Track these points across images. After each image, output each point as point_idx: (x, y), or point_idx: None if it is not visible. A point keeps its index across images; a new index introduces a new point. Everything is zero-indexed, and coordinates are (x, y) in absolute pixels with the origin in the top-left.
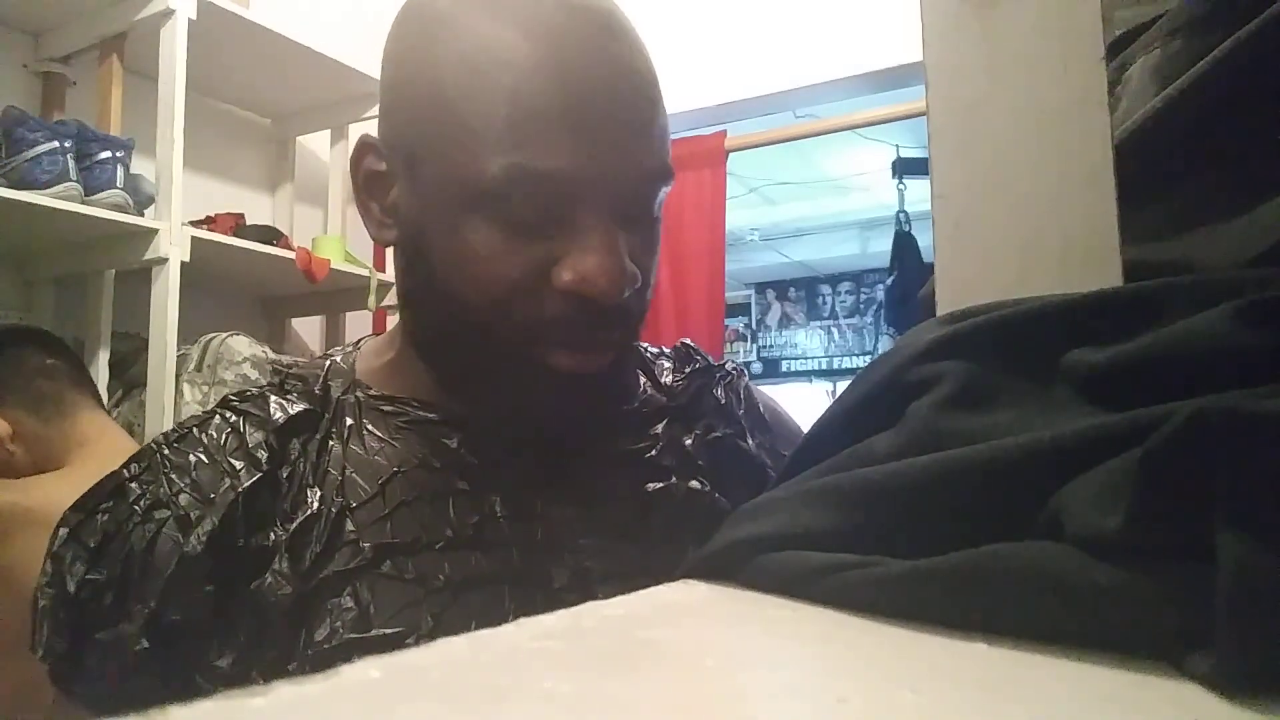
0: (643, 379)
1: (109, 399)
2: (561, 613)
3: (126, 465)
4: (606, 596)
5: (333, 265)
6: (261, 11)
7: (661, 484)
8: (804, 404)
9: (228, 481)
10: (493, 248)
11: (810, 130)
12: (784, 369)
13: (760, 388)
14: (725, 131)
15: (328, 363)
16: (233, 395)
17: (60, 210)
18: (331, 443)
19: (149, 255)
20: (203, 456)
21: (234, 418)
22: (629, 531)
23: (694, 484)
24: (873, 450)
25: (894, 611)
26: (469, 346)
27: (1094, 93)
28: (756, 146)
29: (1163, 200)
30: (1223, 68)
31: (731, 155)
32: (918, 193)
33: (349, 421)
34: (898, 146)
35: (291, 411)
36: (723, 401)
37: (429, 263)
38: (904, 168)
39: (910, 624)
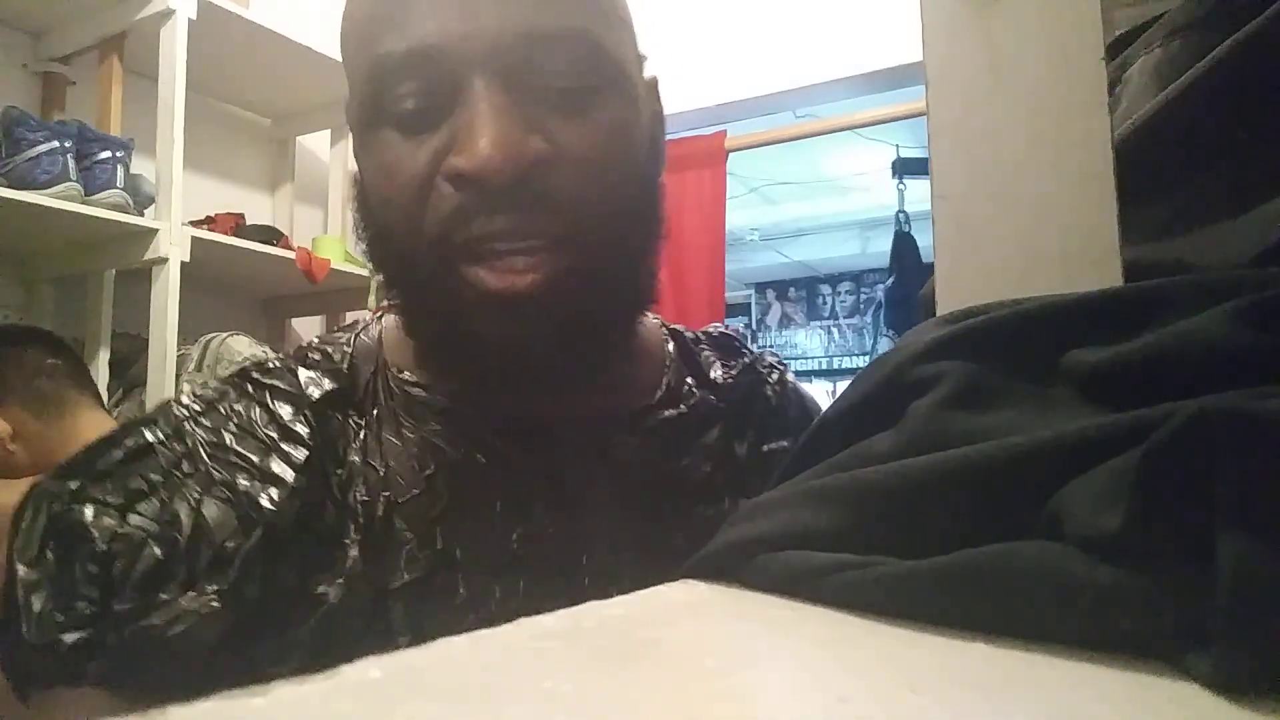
0: (688, 376)
1: (109, 399)
2: (561, 613)
3: (145, 426)
4: None
5: (333, 265)
6: (261, 11)
7: (713, 509)
8: None
9: (278, 458)
10: (393, 153)
11: (810, 130)
12: None
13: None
14: (725, 131)
15: (352, 337)
16: (251, 367)
17: (60, 210)
18: (363, 429)
19: (149, 255)
20: (236, 431)
21: (259, 393)
22: (679, 564)
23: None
24: (873, 450)
25: (894, 611)
26: (411, 287)
27: (1094, 93)
28: (756, 146)
29: (1163, 200)
30: (1223, 68)
31: (731, 155)
32: (918, 193)
33: (381, 407)
34: (898, 146)
35: (325, 387)
36: (775, 404)
37: (369, 207)
38: (904, 168)
39: (910, 624)
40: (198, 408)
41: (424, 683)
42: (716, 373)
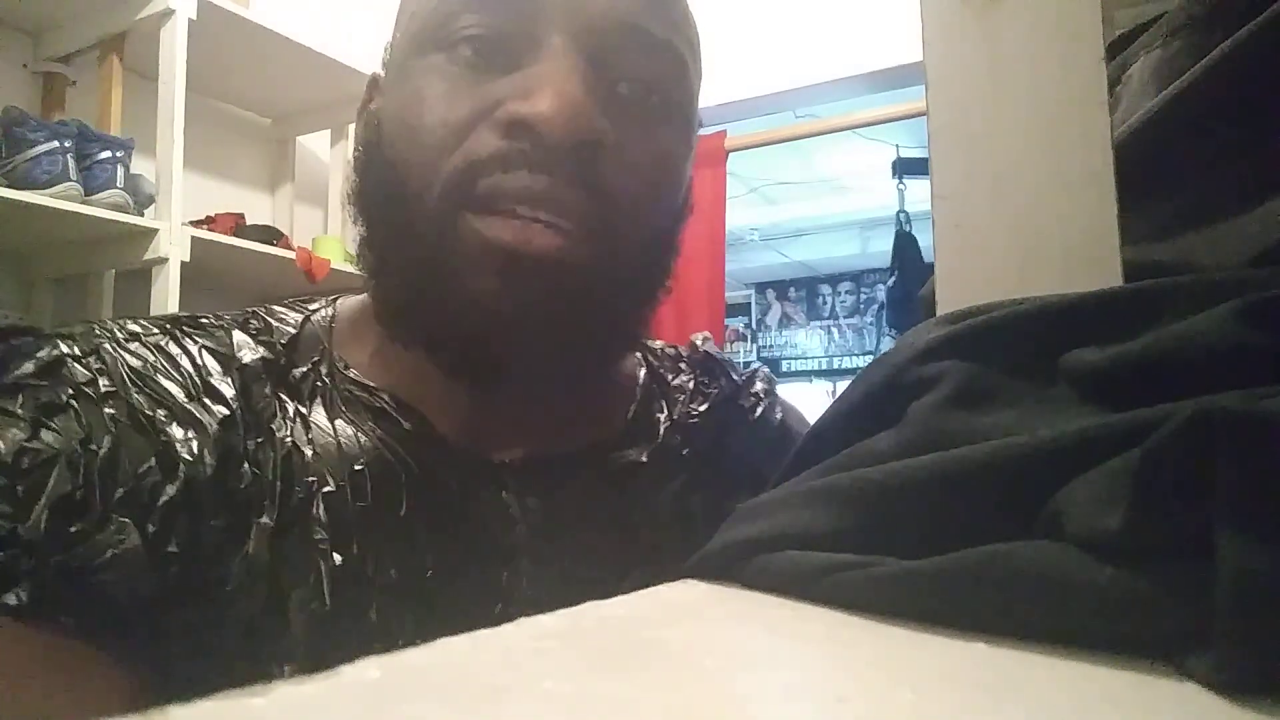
0: (658, 410)
1: None
2: (561, 612)
3: (60, 339)
4: None
5: (333, 265)
6: (261, 11)
7: (653, 571)
8: (804, 404)
9: (201, 408)
10: (442, 86)
11: (810, 130)
12: (784, 369)
13: (790, 404)
14: (725, 131)
15: (301, 319)
16: (184, 317)
17: (60, 210)
18: (295, 410)
19: (149, 255)
20: (159, 366)
21: (187, 341)
22: None
23: None
24: (873, 450)
25: (894, 611)
26: (403, 230)
27: (1094, 93)
28: (756, 146)
29: (1163, 200)
30: (1223, 68)
31: (731, 155)
32: (918, 193)
33: (319, 394)
34: (898, 146)
35: (257, 354)
36: (749, 447)
37: (380, 140)
38: (904, 168)
39: (910, 624)
40: (121, 335)
41: (424, 683)
42: (689, 407)
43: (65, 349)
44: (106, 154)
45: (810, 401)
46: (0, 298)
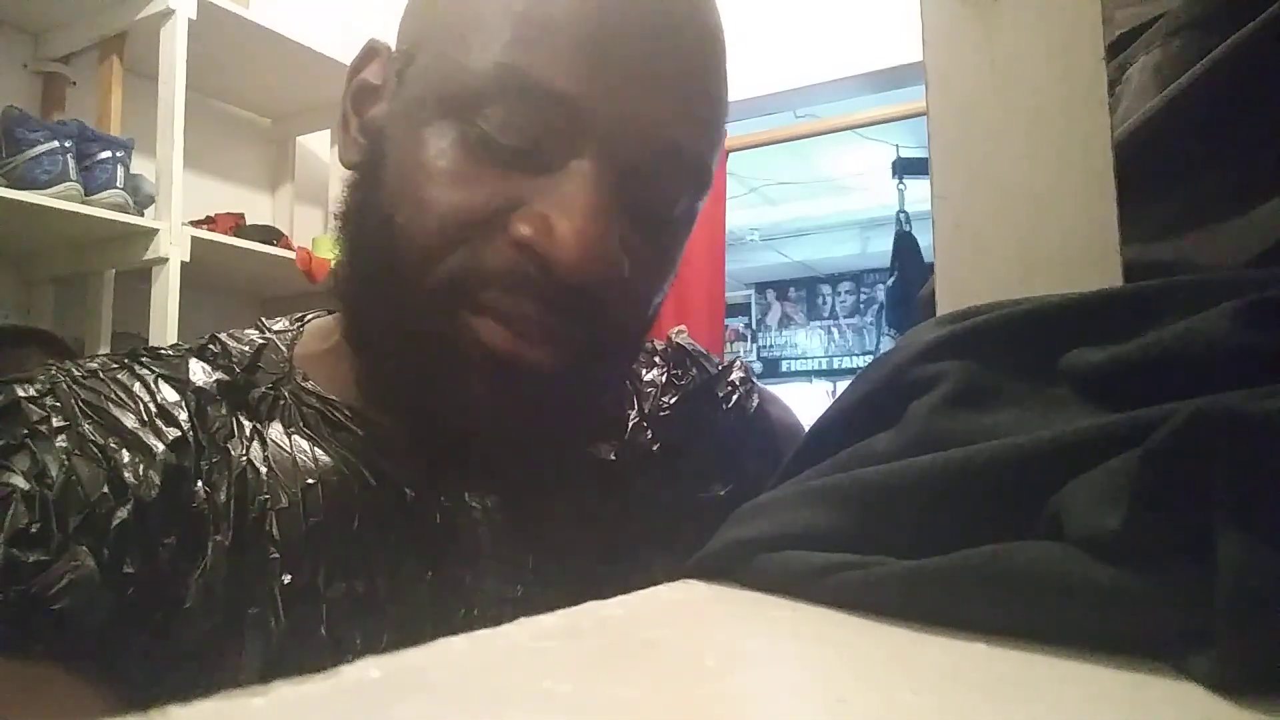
0: (629, 407)
1: None
2: (561, 612)
3: (16, 383)
4: None
5: (333, 265)
6: (261, 11)
7: (621, 569)
8: (804, 404)
9: (151, 433)
10: (458, 167)
11: (810, 130)
12: (784, 369)
13: (770, 392)
14: (725, 131)
15: (260, 340)
16: (142, 350)
17: (60, 210)
18: (251, 429)
19: (149, 255)
20: (115, 399)
21: (144, 372)
22: None
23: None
24: (873, 450)
25: (894, 611)
26: (391, 301)
27: (1094, 93)
28: (756, 146)
29: (1163, 200)
30: (1223, 68)
31: (731, 155)
32: (918, 193)
33: (277, 412)
34: (898, 146)
35: (213, 378)
36: (726, 440)
37: (380, 180)
38: (904, 168)
39: (910, 624)
40: (78, 372)
41: (424, 683)
42: (660, 400)
43: (21, 392)
44: (106, 154)
45: (810, 401)
46: (0, 298)
